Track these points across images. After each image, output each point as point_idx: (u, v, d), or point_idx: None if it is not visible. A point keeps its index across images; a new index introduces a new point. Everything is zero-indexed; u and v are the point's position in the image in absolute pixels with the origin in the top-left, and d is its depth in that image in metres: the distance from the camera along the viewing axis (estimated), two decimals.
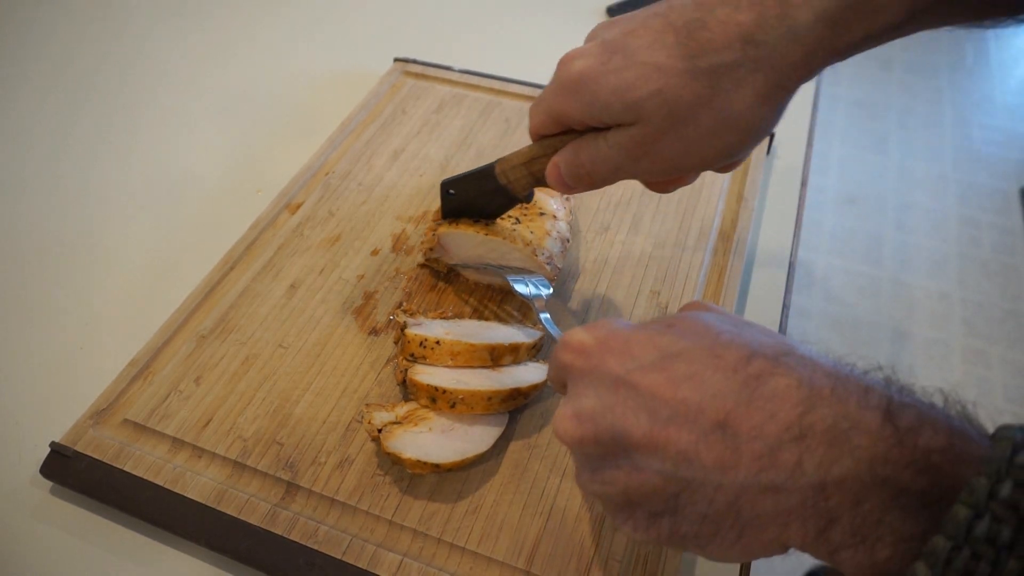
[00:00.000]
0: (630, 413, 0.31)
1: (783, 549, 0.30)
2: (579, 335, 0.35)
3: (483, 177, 0.49)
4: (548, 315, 0.49)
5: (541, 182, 0.46)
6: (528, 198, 0.49)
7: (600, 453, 0.33)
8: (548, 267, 0.52)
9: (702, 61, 0.35)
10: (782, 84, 0.36)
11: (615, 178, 0.42)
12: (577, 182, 0.43)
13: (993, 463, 0.25)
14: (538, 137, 0.45)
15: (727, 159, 0.40)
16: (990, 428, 0.28)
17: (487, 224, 0.53)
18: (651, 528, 0.32)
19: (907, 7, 0.34)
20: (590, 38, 0.42)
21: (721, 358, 0.31)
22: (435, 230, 0.55)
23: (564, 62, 0.40)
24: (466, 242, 0.54)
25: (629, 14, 0.40)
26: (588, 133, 0.41)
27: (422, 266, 0.58)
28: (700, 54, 0.35)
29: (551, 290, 0.52)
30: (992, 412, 1.48)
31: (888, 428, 0.27)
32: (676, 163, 0.40)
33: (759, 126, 0.38)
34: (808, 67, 0.35)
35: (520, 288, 0.51)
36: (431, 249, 0.56)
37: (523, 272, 0.53)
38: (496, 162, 0.48)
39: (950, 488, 0.26)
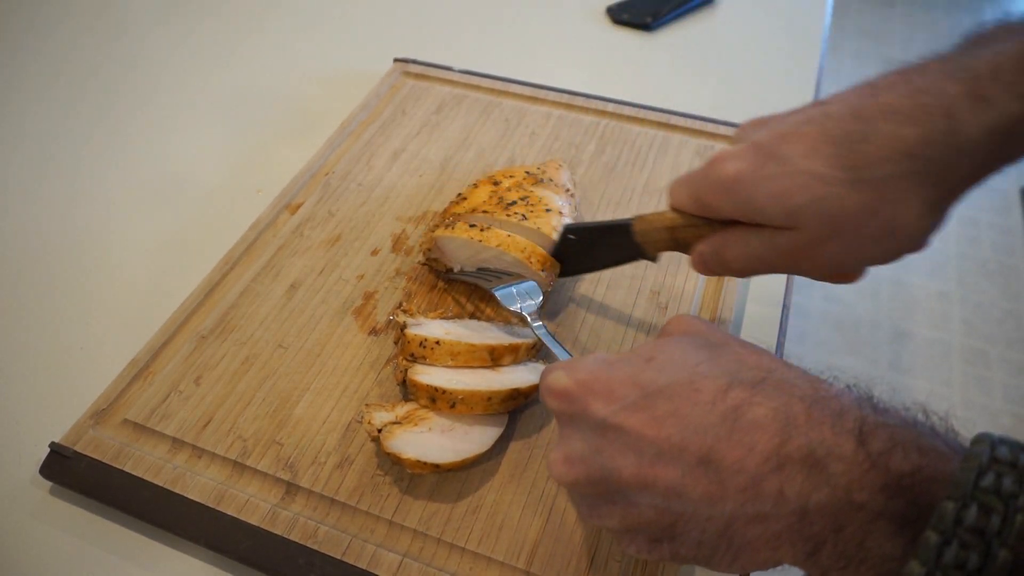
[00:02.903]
0: (618, 454, 0.33)
1: (779, 564, 0.31)
2: (561, 381, 0.35)
3: (616, 231, 0.49)
4: (542, 324, 0.49)
5: (681, 248, 0.45)
6: (655, 259, 0.48)
7: (594, 492, 0.34)
8: (543, 274, 0.52)
9: (865, 173, 0.35)
10: (950, 194, 0.36)
11: (765, 272, 0.42)
12: (723, 271, 0.43)
13: (959, 486, 0.25)
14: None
15: (887, 262, 0.39)
16: (984, 428, 0.28)
17: (483, 229, 0.53)
18: (653, 551, 0.34)
19: None
20: (737, 137, 0.42)
21: (700, 391, 0.32)
22: (432, 231, 0.55)
23: (715, 162, 0.40)
24: (462, 247, 0.54)
25: (777, 116, 0.40)
26: (735, 226, 0.41)
27: (423, 264, 0.59)
28: (862, 166, 0.35)
29: (541, 297, 0.51)
30: (992, 412, 1.49)
31: (861, 453, 0.28)
32: (834, 267, 0.40)
33: (925, 233, 0.37)
34: (977, 176, 0.35)
35: (510, 304, 0.51)
36: (429, 250, 0.56)
37: (516, 278, 0.53)
38: (634, 220, 0.47)
39: (925, 508, 0.26)
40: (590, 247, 0.52)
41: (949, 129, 0.33)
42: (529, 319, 0.50)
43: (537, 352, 0.51)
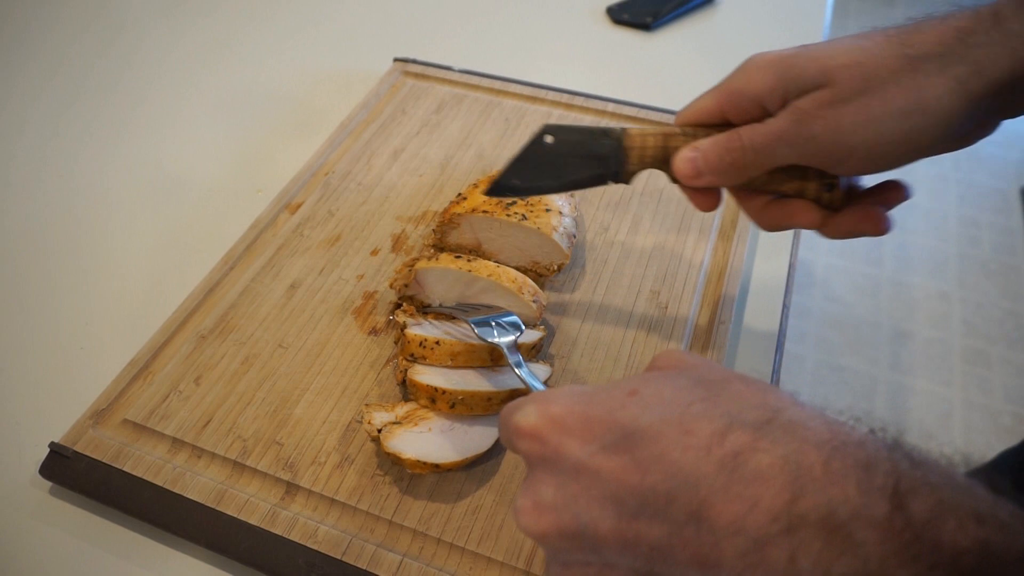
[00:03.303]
0: (595, 504, 0.28)
1: None
2: (530, 417, 0.31)
3: (603, 135, 0.45)
4: (520, 359, 0.45)
5: (664, 164, 0.44)
6: (630, 179, 0.45)
7: (568, 547, 0.30)
8: (534, 305, 0.50)
9: (912, 50, 0.36)
10: (984, 84, 0.35)
11: (767, 157, 0.39)
12: (720, 163, 0.41)
13: None
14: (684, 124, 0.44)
15: (896, 154, 0.37)
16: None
17: (470, 260, 0.51)
18: None
19: None
20: None
21: (692, 434, 0.27)
22: (411, 266, 0.52)
23: (755, 57, 0.40)
24: (447, 279, 0.51)
25: None
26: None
27: (397, 302, 0.55)
28: (911, 45, 0.36)
29: (521, 331, 0.48)
30: (992, 412, 1.49)
31: (899, 519, 0.23)
32: (845, 141, 0.37)
33: (947, 119, 0.36)
34: (1012, 77, 0.35)
35: (487, 336, 0.47)
36: (406, 286, 0.53)
37: (496, 310, 0.50)
38: (624, 128, 0.45)
39: None
40: (563, 155, 0.46)
41: (994, 21, 0.35)
42: (507, 352, 0.46)
43: (537, 353, 0.51)
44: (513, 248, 0.56)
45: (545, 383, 0.48)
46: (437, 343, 0.48)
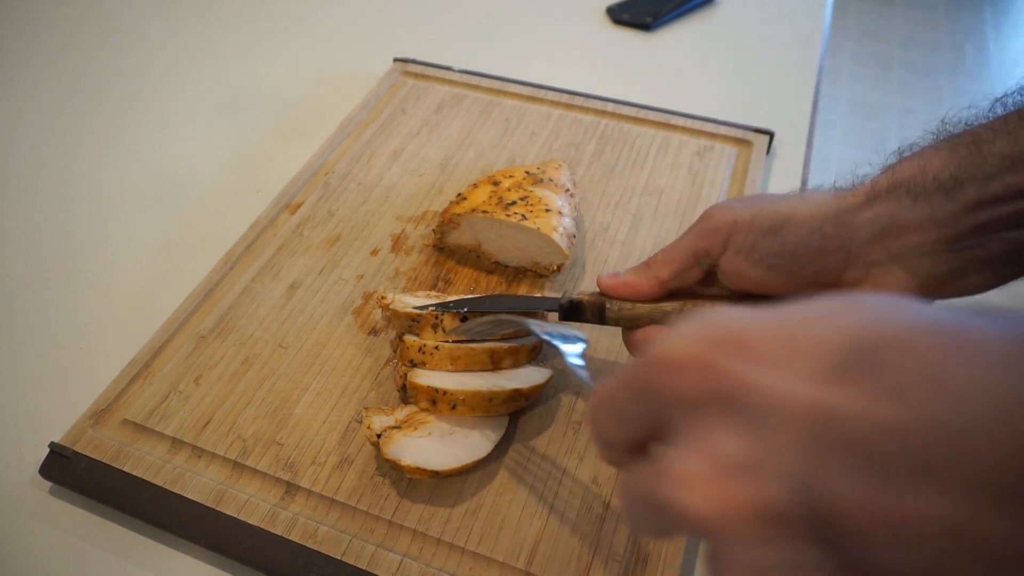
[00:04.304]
0: (833, 464, 0.18)
1: None
2: (687, 340, 0.21)
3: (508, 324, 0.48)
4: (581, 358, 0.42)
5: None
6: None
7: (765, 537, 0.19)
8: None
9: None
10: (841, 238, 0.41)
11: (679, 265, 0.45)
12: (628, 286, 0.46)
13: None
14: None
15: (777, 264, 0.42)
16: None
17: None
18: None
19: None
20: None
21: (967, 337, 0.18)
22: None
23: None
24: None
25: None
26: None
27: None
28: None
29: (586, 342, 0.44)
30: None
31: None
32: (748, 240, 0.42)
33: (810, 236, 0.41)
34: (864, 256, 0.41)
35: (539, 332, 0.44)
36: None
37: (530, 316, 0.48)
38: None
39: None
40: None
41: (868, 195, 0.42)
42: (532, 325, 0.44)
43: (537, 355, 0.51)
44: (513, 248, 0.56)
45: (546, 383, 0.48)
46: (436, 347, 0.47)
